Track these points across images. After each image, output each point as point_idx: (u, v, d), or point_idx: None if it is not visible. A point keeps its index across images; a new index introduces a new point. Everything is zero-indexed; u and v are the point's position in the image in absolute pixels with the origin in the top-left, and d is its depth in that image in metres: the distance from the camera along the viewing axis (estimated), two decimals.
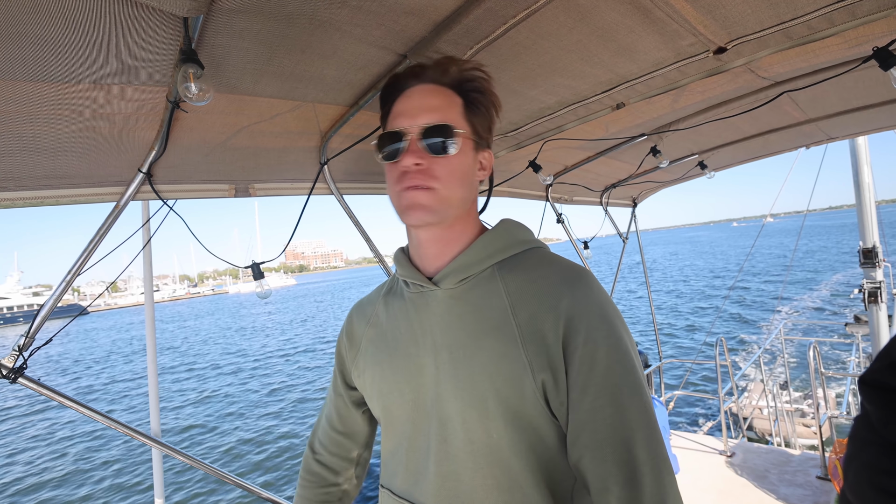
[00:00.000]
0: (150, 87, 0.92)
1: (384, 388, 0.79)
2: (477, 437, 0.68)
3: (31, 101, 0.86)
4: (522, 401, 0.66)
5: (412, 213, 0.71)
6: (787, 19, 1.03)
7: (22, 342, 1.14)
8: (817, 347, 3.49)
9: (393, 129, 0.73)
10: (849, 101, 1.91)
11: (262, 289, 1.44)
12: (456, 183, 0.73)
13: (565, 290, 0.68)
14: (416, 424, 0.75)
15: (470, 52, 1.00)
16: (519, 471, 0.68)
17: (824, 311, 17.25)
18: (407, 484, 0.75)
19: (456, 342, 0.71)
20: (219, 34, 0.80)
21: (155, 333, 1.57)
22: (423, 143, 0.71)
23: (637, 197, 3.68)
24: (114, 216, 1.22)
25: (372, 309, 0.88)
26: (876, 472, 0.50)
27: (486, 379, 0.68)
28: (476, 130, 0.76)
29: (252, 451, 9.52)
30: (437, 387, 0.72)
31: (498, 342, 0.68)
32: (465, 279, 0.74)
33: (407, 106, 0.73)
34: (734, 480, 3.23)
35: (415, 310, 0.78)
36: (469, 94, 0.76)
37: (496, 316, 0.70)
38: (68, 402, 1.22)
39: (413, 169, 0.71)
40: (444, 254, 0.77)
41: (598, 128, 1.79)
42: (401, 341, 0.78)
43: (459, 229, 0.77)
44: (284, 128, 1.24)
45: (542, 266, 0.73)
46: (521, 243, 0.77)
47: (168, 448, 1.44)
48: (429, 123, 0.71)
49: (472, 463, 0.69)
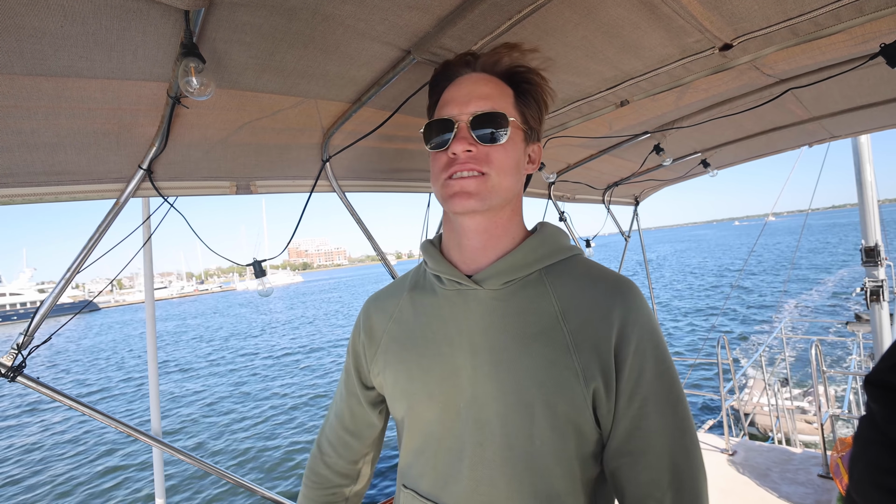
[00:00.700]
0: (150, 83, 0.91)
1: (410, 388, 0.76)
2: (518, 442, 0.67)
3: (30, 95, 0.85)
4: (572, 408, 0.66)
5: (458, 201, 0.69)
6: (793, 15, 1.02)
7: (21, 340, 1.13)
8: (819, 346, 3.48)
9: (442, 117, 0.71)
10: (853, 99, 1.90)
11: (263, 286, 1.43)
12: (507, 171, 0.71)
13: (618, 300, 0.68)
14: (447, 426, 0.72)
15: (474, 47, 0.99)
16: (559, 479, 0.67)
17: (831, 307, 17.30)
18: (435, 487, 0.73)
19: (499, 345, 0.69)
20: (220, 28, 0.79)
21: (155, 331, 1.56)
22: (474, 132, 0.69)
23: (639, 195, 3.67)
24: (114, 213, 1.21)
25: (394, 303, 0.84)
26: (880, 471, 0.51)
27: (533, 384, 0.66)
28: (527, 121, 0.74)
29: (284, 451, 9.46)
30: (474, 388, 0.70)
31: (547, 348, 0.67)
32: (511, 281, 0.72)
33: (457, 93, 0.72)
34: (736, 478, 3.23)
35: (450, 308, 0.75)
36: (520, 85, 0.74)
37: (545, 321, 0.68)
38: (68, 401, 1.21)
39: (463, 156, 0.69)
40: (489, 248, 0.74)
41: (601, 125, 1.78)
42: (432, 340, 0.75)
43: (505, 224, 0.75)
44: (286, 124, 1.23)
45: (591, 273, 0.72)
46: (566, 249, 0.76)
47: (169, 447, 1.43)
48: (480, 111, 0.69)
49: (510, 469, 0.67)
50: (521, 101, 0.74)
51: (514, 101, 0.73)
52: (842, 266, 30.41)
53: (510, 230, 0.75)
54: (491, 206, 0.71)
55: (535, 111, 0.76)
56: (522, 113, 0.74)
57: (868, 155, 4.38)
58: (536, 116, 0.76)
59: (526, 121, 0.74)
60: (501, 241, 0.74)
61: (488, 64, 0.73)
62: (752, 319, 17.12)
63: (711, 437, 3.85)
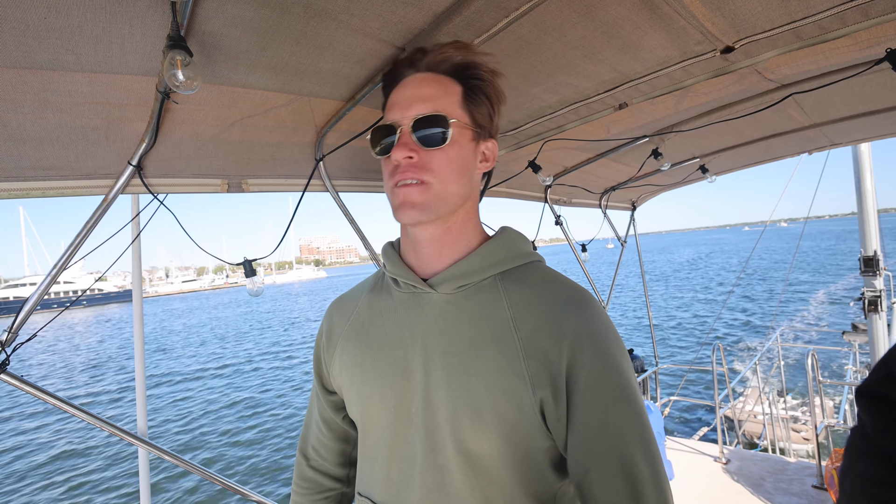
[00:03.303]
0: (139, 77, 0.89)
1: (364, 390, 0.75)
2: (467, 447, 0.66)
3: (15, 88, 0.83)
4: (519, 415, 0.65)
5: (404, 212, 0.69)
6: (797, 18, 1.01)
7: (4, 337, 1.11)
8: (815, 355, 3.47)
9: (385, 123, 0.71)
10: (854, 106, 1.89)
11: (254, 286, 1.41)
12: (451, 176, 0.70)
13: (571, 311, 0.67)
14: (398, 431, 0.72)
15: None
16: (509, 483, 0.67)
17: (838, 313, 17.35)
18: (388, 494, 0.72)
19: (450, 349, 0.69)
20: (209, 21, 0.77)
21: (143, 330, 1.53)
22: (415, 136, 0.68)
23: (636, 200, 3.66)
24: (102, 209, 1.19)
25: (353, 306, 0.84)
26: (872, 483, 0.50)
27: (483, 389, 0.66)
28: (475, 120, 0.73)
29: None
30: (426, 392, 0.69)
31: (498, 354, 0.67)
32: (465, 286, 0.71)
33: (400, 97, 0.71)
34: (729, 487, 3.21)
35: (405, 311, 0.74)
36: (469, 81, 0.72)
37: (497, 327, 0.68)
38: (51, 400, 1.18)
39: (404, 163, 0.68)
40: (444, 256, 0.74)
41: (599, 128, 1.77)
42: (387, 343, 0.75)
43: (459, 229, 0.74)
44: (279, 122, 1.21)
45: (546, 282, 0.71)
46: (524, 255, 0.75)
47: (155, 448, 1.41)
48: (420, 114, 0.68)
49: (460, 474, 0.67)
50: (469, 99, 0.72)
51: (461, 99, 0.71)
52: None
53: (465, 234, 0.75)
54: (439, 215, 0.70)
55: (486, 108, 0.74)
56: (471, 111, 0.72)
57: (868, 164, 4.38)
58: (487, 113, 0.74)
59: (475, 119, 0.73)
60: (456, 245, 0.74)
61: (433, 62, 0.71)
62: (752, 326, 17.13)
63: (705, 445, 3.83)
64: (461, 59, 0.71)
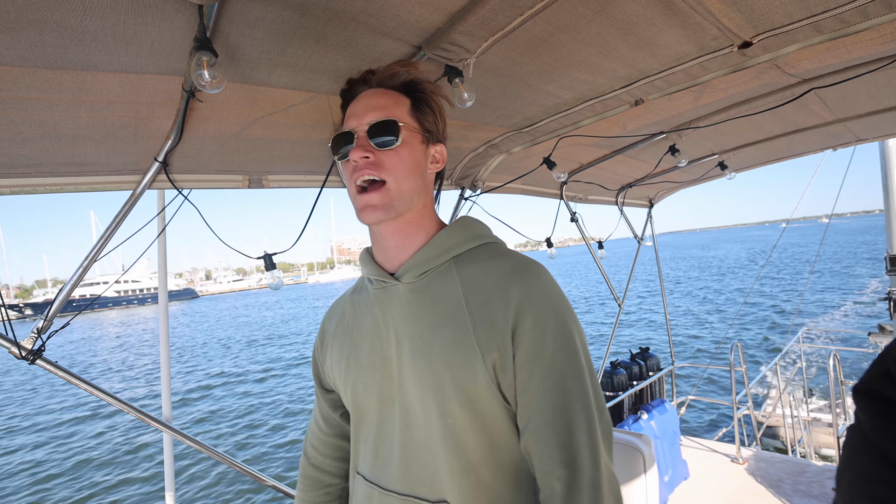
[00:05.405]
0: (166, 77, 0.93)
1: (350, 381, 0.83)
2: (434, 421, 0.73)
3: (52, 88, 0.87)
4: (475, 384, 0.70)
5: (367, 214, 0.76)
6: (817, 12, 0.99)
7: (41, 325, 1.17)
8: (838, 356, 3.39)
9: (344, 130, 0.79)
10: (880, 101, 1.84)
11: (274, 280, 1.45)
12: (405, 174, 0.77)
13: (515, 279, 0.72)
14: (383, 414, 0.79)
15: (486, 43, 0.99)
16: (475, 453, 0.72)
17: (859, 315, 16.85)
18: (376, 470, 0.80)
19: (415, 332, 0.75)
20: (233, 23, 0.80)
21: (168, 320, 1.59)
22: (371, 140, 0.76)
23: (654, 197, 3.61)
24: (130, 204, 1.24)
25: (341, 308, 0.93)
26: (868, 481, 0.50)
27: (441, 364, 0.72)
28: (423, 125, 0.81)
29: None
30: (400, 376, 0.76)
31: (452, 330, 0.73)
32: (425, 273, 0.78)
33: (357, 108, 0.79)
34: (745, 489, 3.16)
35: (378, 305, 0.82)
36: (415, 94, 0.82)
37: (451, 306, 0.74)
38: (82, 385, 1.24)
39: (362, 163, 0.76)
40: (406, 246, 0.81)
41: (615, 125, 1.76)
42: (366, 336, 0.83)
43: (417, 221, 0.81)
44: (298, 119, 1.24)
45: (495, 258, 0.77)
46: (478, 238, 0.81)
47: (179, 434, 1.46)
48: (374, 120, 0.76)
49: (431, 447, 0.73)
50: (417, 108, 0.81)
51: (410, 109, 0.80)
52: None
53: (423, 226, 0.82)
54: (398, 213, 0.78)
55: (432, 116, 0.83)
56: (419, 119, 0.81)
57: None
58: (433, 120, 0.83)
59: (423, 125, 0.81)
60: (416, 237, 0.81)
61: (383, 78, 0.81)
62: (776, 324, 16.70)
63: (722, 445, 3.78)
64: (407, 76, 0.82)
